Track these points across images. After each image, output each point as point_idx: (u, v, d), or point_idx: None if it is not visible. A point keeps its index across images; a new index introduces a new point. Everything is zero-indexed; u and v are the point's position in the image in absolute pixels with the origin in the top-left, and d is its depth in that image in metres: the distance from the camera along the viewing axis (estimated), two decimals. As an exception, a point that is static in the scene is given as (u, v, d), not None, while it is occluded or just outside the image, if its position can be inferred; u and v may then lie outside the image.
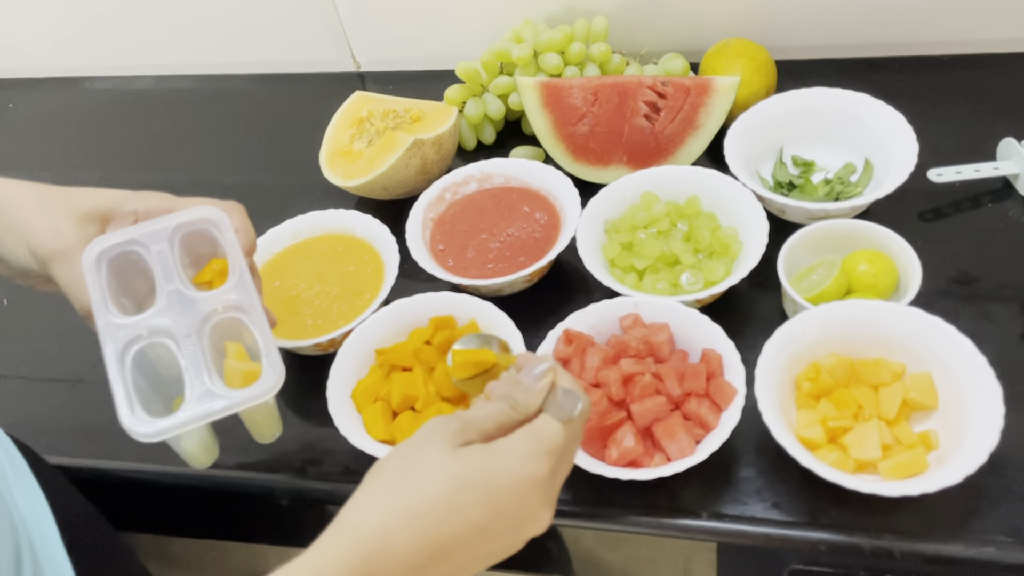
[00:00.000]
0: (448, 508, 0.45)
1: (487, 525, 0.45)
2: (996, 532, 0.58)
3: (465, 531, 0.45)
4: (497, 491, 0.45)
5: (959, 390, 0.60)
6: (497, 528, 0.46)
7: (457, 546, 0.45)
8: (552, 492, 0.48)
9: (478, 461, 0.46)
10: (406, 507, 0.45)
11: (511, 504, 0.46)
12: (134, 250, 0.60)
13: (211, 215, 0.62)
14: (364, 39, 1.08)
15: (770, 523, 0.61)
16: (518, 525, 0.47)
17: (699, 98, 0.82)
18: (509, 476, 0.46)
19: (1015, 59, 0.89)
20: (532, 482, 0.46)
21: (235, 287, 0.60)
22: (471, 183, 0.84)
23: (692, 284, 0.72)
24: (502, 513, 0.46)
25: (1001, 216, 0.76)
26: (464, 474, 0.45)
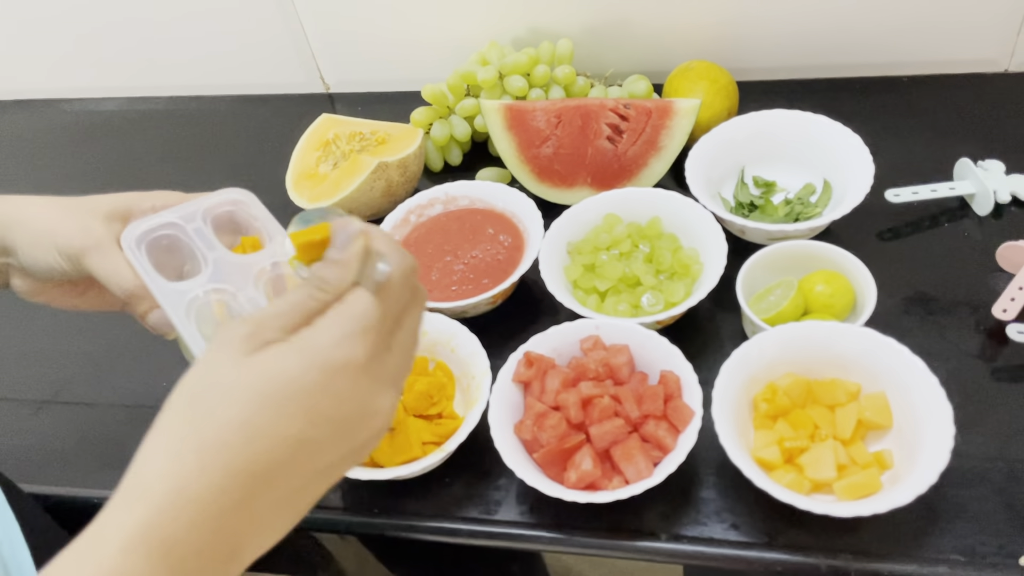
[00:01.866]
0: (251, 431, 0.36)
1: (308, 436, 0.38)
2: (950, 551, 0.58)
3: (281, 452, 0.37)
4: (308, 394, 0.37)
5: (912, 410, 0.61)
6: (322, 436, 0.38)
7: (277, 471, 0.37)
8: (384, 372, 0.40)
9: (277, 363, 0.38)
10: (198, 444, 0.36)
11: (330, 404, 0.38)
12: (170, 233, 0.60)
13: (237, 195, 0.62)
14: (333, 61, 1.08)
15: (728, 544, 0.61)
16: (349, 425, 0.39)
17: (661, 120, 0.83)
18: (317, 372, 0.38)
19: (971, 80, 0.91)
20: (350, 370, 0.38)
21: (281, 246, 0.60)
22: (436, 205, 0.85)
23: (653, 305, 0.73)
24: (322, 417, 0.38)
25: (957, 235, 0.78)
26: (262, 384, 0.37)
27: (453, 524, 0.66)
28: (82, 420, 0.80)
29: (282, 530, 0.40)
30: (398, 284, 0.41)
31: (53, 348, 0.87)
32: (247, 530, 0.37)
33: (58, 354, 0.86)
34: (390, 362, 0.41)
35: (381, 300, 0.40)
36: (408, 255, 0.42)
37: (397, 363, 0.42)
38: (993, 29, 0.88)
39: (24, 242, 0.58)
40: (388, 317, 0.41)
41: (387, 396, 0.40)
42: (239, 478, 0.36)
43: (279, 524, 0.39)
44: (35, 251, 0.58)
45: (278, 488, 0.38)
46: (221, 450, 0.36)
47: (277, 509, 0.38)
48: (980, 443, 0.63)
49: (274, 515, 0.39)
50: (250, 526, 0.37)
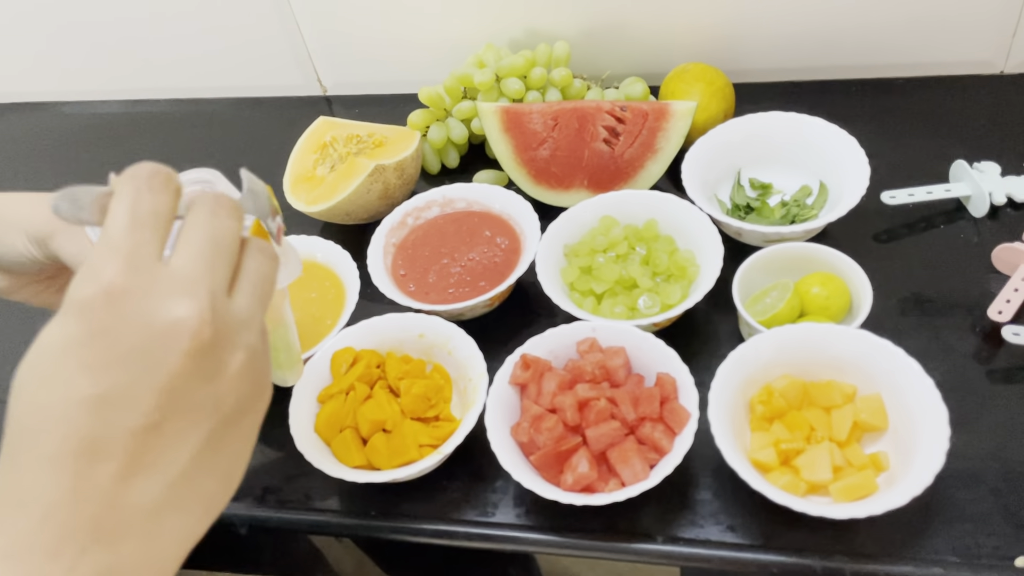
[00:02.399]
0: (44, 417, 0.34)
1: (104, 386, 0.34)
2: (946, 552, 0.58)
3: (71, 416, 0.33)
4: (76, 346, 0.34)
5: (908, 412, 0.61)
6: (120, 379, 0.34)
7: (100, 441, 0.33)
8: (160, 281, 0.36)
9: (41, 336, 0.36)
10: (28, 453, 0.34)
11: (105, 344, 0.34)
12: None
13: (206, 175, 0.62)
14: (330, 63, 1.08)
15: (725, 546, 0.61)
16: (145, 351, 0.34)
17: (657, 123, 0.83)
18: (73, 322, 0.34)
19: (967, 81, 0.91)
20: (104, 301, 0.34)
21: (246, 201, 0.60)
22: (433, 208, 0.85)
23: (649, 308, 0.73)
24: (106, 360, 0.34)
25: (953, 237, 0.78)
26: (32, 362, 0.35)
27: (450, 526, 0.66)
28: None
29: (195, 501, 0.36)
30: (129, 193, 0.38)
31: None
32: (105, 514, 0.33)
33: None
34: (174, 269, 0.37)
35: (112, 217, 0.37)
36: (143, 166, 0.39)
37: (191, 269, 0.37)
38: (989, 31, 0.88)
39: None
40: (135, 226, 0.36)
41: (180, 303, 0.35)
42: (65, 462, 0.33)
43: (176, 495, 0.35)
44: (5, 238, 0.58)
45: (108, 459, 0.33)
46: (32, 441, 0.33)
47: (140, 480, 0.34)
48: (976, 444, 0.63)
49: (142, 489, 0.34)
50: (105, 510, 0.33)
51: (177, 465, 0.35)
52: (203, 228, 0.38)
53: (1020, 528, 0.59)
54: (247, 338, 0.38)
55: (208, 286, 0.37)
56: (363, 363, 0.70)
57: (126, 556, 0.34)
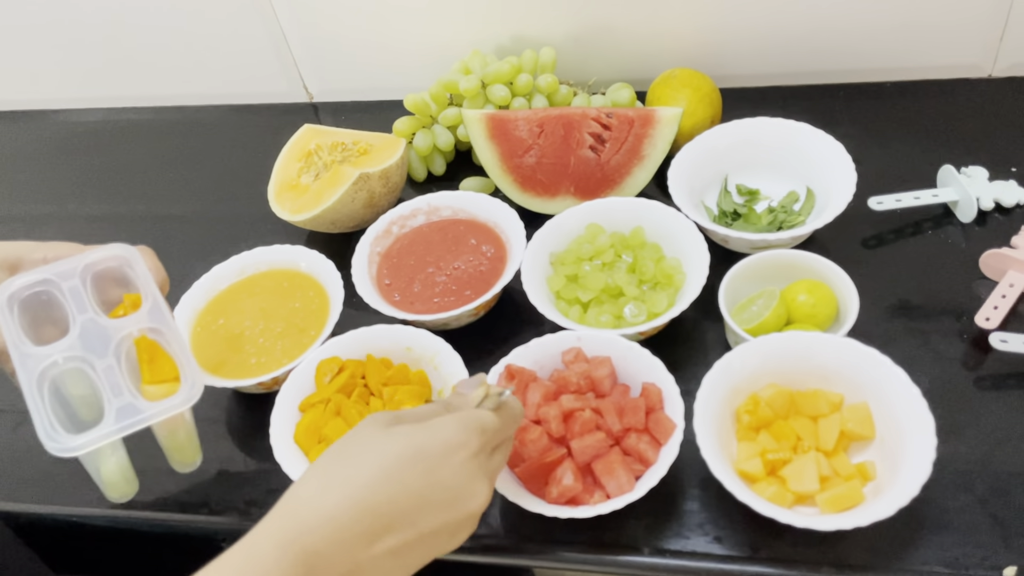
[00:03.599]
0: (384, 476, 0.47)
1: (423, 492, 0.48)
2: (934, 563, 0.58)
3: (403, 498, 0.47)
4: (430, 458, 0.48)
5: (895, 421, 0.60)
6: (434, 497, 0.48)
7: (398, 515, 0.47)
8: (487, 468, 0.51)
9: (411, 434, 0.49)
10: (342, 480, 0.47)
11: (445, 472, 0.48)
12: (46, 290, 0.61)
13: (121, 252, 0.63)
14: (316, 70, 1.08)
15: (711, 558, 0.61)
16: (455, 496, 0.49)
17: (643, 129, 0.83)
18: (441, 444, 0.49)
19: (954, 85, 0.91)
20: (464, 451, 0.49)
21: (149, 312, 0.61)
22: (418, 216, 0.84)
23: (636, 316, 0.72)
24: (437, 480, 0.48)
25: (941, 242, 0.77)
26: (398, 446, 0.48)
27: (435, 539, 0.65)
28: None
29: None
30: (511, 414, 0.54)
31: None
32: (364, 564, 0.47)
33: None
34: (494, 462, 0.53)
35: (499, 415, 0.53)
36: (519, 402, 0.57)
37: (496, 466, 0.53)
38: (976, 35, 0.88)
39: None
40: (499, 431, 0.52)
41: (485, 485, 0.50)
42: (371, 513, 0.46)
43: (383, 573, 0.48)
44: None
45: (395, 534, 0.47)
46: (361, 488, 0.47)
47: (389, 556, 0.47)
48: (964, 453, 0.63)
49: (384, 561, 0.47)
50: (367, 561, 0.47)
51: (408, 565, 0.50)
52: (511, 439, 0.56)
53: (1008, 538, 0.58)
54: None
55: (494, 482, 0.54)
56: (347, 372, 0.70)
57: None
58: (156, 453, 0.66)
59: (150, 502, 0.71)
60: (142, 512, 0.71)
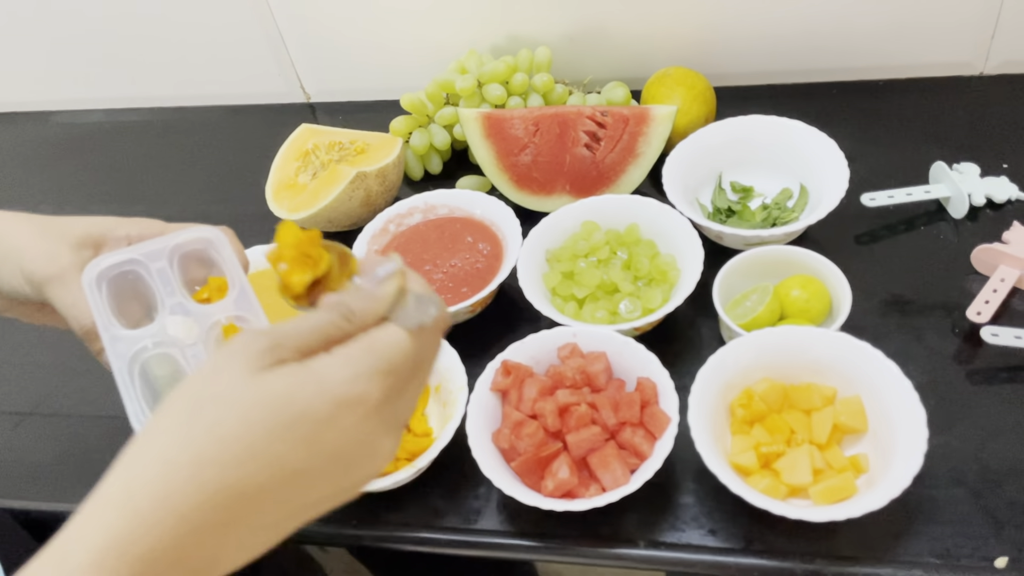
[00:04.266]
0: (248, 452, 0.35)
1: (304, 467, 0.36)
2: (925, 554, 0.58)
3: (274, 477, 0.36)
4: (314, 424, 0.36)
5: (887, 414, 0.61)
6: (318, 469, 0.37)
7: (268, 496, 0.36)
8: (393, 417, 0.39)
9: (287, 386, 0.36)
10: (193, 457, 0.35)
11: (334, 439, 0.37)
12: (133, 270, 0.60)
13: (208, 234, 0.62)
14: (313, 70, 1.08)
15: (706, 550, 0.61)
16: (349, 462, 0.38)
17: (638, 127, 0.83)
18: (328, 405, 0.36)
19: (947, 83, 0.92)
20: (361, 409, 0.37)
21: (236, 299, 0.60)
22: (415, 214, 0.85)
23: (631, 312, 0.73)
24: (324, 451, 0.37)
25: (933, 238, 0.78)
26: (268, 406, 0.36)
27: (433, 534, 0.66)
28: (61, 433, 0.79)
29: (260, 551, 0.38)
30: (434, 331, 0.40)
31: (32, 361, 0.87)
32: (226, 549, 0.36)
33: (37, 367, 0.86)
34: (401, 406, 0.40)
35: (416, 343, 0.39)
36: (443, 303, 0.41)
37: (406, 408, 0.41)
38: (968, 33, 0.89)
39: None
40: (414, 362, 0.39)
41: (390, 439, 0.39)
42: (230, 498, 0.35)
43: (259, 546, 0.38)
44: (4, 270, 0.57)
45: (266, 513, 0.36)
46: (216, 466, 0.35)
47: (261, 532, 0.37)
48: (956, 446, 0.64)
49: (256, 538, 0.37)
50: (230, 546, 0.36)
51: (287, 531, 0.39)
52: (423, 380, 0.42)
53: (999, 529, 0.59)
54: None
55: (405, 422, 0.41)
56: None
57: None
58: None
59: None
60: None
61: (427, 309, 0.40)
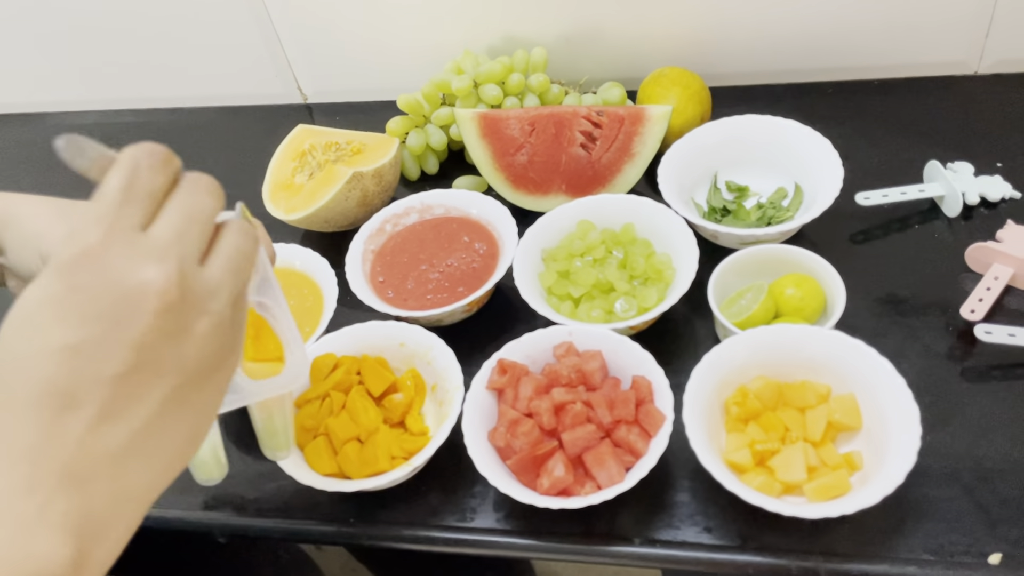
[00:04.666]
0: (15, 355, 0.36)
1: (74, 339, 0.36)
2: (919, 550, 0.59)
3: (55, 364, 0.35)
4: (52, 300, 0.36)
5: (880, 411, 0.61)
6: (90, 334, 0.36)
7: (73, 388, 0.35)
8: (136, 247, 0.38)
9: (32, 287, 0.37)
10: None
11: (78, 299, 0.36)
12: None
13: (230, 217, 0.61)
14: (310, 71, 1.09)
15: (701, 547, 0.62)
16: (114, 310, 0.36)
17: (633, 127, 0.84)
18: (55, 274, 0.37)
19: (941, 82, 0.92)
20: (86, 259, 0.37)
21: (259, 285, 0.60)
22: (412, 214, 0.85)
23: (626, 311, 0.73)
24: (75, 315, 0.36)
25: (927, 237, 0.78)
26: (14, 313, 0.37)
27: (429, 532, 0.66)
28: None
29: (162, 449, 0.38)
30: (128, 167, 0.39)
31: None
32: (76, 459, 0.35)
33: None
34: (151, 238, 0.38)
35: (107, 186, 0.39)
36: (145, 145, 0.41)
37: (166, 238, 0.39)
38: (962, 32, 0.89)
39: (13, 243, 0.56)
40: (126, 200, 0.38)
41: (150, 268, 0.37)
42: (40, 407, 0.35)
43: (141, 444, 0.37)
44: (23, 253, 0.56)
45: (82, 407, 0.35)
46: (7, 388, 0.35)
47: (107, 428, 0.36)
48: (950, 443, 0.64)
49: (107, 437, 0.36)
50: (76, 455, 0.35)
51: (143, 416, 0.37)
52: (181, 203, 0.41)
53: (993, 526, 0.59)
54: (215, 305, 0.40)
55: (178, 253, 0.39)
56: (342, 369, 0.70)
57: (94, 497, 0.36)
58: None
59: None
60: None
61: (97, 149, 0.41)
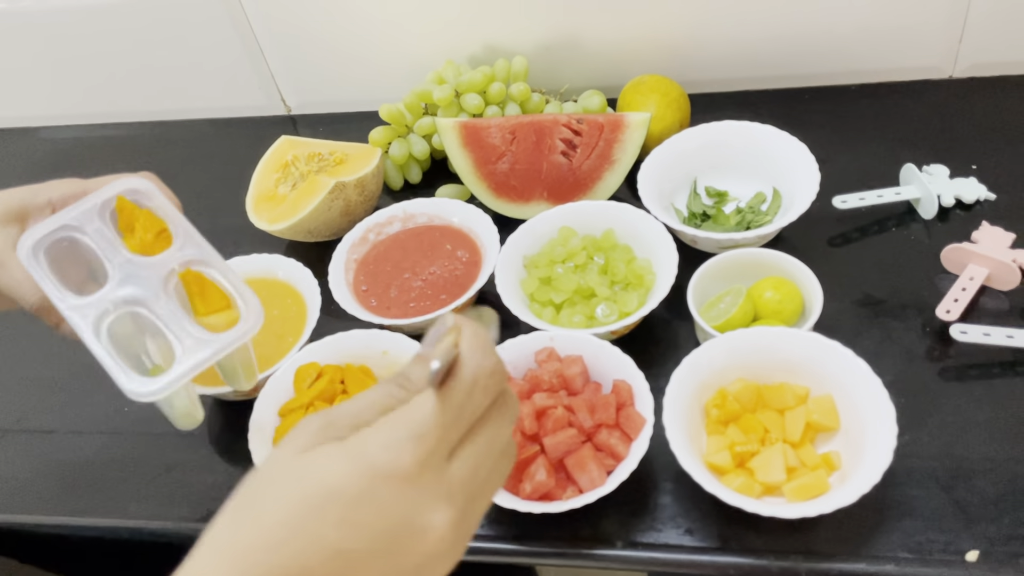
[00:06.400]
0: (290, 533, 0.35)
1: (346, 546, 0.35)
2: (898, 549, 0.59)
3: (318, 557, 0.35)
4: (349, 500, 0.35)
5: (857, 411, 0.62)
6: (362, 547, 0.35)
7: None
8: (439, 485, 0.37)
9: (324, 465, 0.36)
10: (235, 547, 0.35)
11: (370, 512, 0.35)
12: (68, 235, 0.58)
13: (135, 184, 0.61)
14: (293, 83, 1.09)
15: (683, 549, 0.62)
16: (392, 539, 0.36)
17: (613, 134, 0.84)
18: (360, 477, 0.35)
19: (916, 87, 0.93)
20: (394, 479, 0.35)
21: (184, 244, 0.60)
22: (394, 223, 0.85)
23: (607, 316, 0.74)
24: (361, 527, 0.35)
25: (904, 239, 0.79)
26: (305, 486, 0.35)
27: (414, 539, 0.66)
28: (43, 449, 0.79)
29: None
30: (467, 386, 0.37)
31: (13, 376, 0.87)
32: None
33: (18, 382, 0.86)
34: (451, 474, 0.37)
35: (443, 403, 0.37)
36: (491, 356, 0.38)
37: (462, 477, 0.38)
38: (936, 38, 0.90)
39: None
40: (453, 423, 0.37)
41: (440, 512, 0.36)
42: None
43: None
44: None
45: None
46: (258, 552, 0.35)
47: None
48: (927, 442, 0.65)
49: None
50: None
51: None
52: (487, 438, 0.39)
53: (970, 523, 0.60)
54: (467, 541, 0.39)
55: (467, 494, 0.38)
56: (326, 378, 0.71)
57: None
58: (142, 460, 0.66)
59: (129, 509, 0.72)
60: (121, 520, 0.72)
61: (433, 365, 0.37)
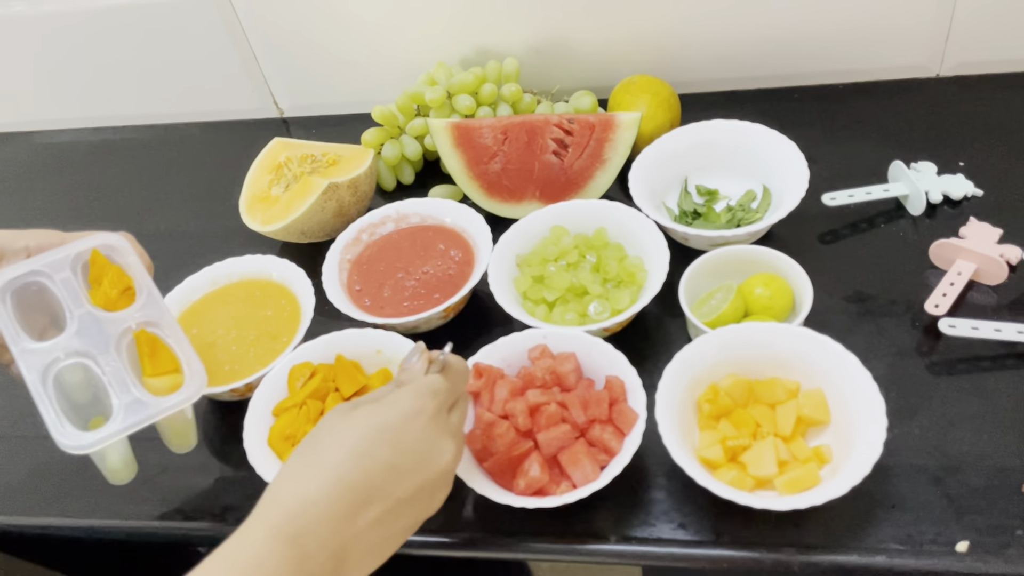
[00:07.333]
0: (354, 455, 0.50)
1: (393, 461, 0.51)
2: (889, 540, 0.60)
3: (375, 471, 0.50)
4: (392, 430, 0.51)
5: (848, 405, 0.62)
6: (404, 463, 0.51)
7: (373, 488, 0.50)
8: (448, 426, 0.55)
9: (371, 413, 0.52)
10: (316, 465, 0.50)
11: (408, 438, 0.52)
12: (36, 281, 0.61)
13: (111, 240, 0.63)
14: (285, 85, 1.10)
15: (677, 543, 0.63)
16: (423, 458, 0.52)
17: (604, 134, 0.85)
18: (399, 415, 0.52)
19: (905, 85, 0.94)
20: (421, 417, 0.53)
21: (145, 305, 0.62)
22: (388, 223, 0.86)
23: (600, 313, 0.74)
24: (404, 447, 0.51)
25: (893, 235, 0.80)
26: (361, 426, 0.51)
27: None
28: (34, 453, 0.79)
29: (376, 555, 0.51)
30: (457, 372, 0.58)
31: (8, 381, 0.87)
32: (352, 539, 0.49)
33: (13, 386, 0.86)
34: (452, 422, 0.56)
35: (446, 377, 0.56)
36: (463, 360, 0.60)
37: (456, 423, 0.56)
38: (923, 37, 0.91)
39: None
40: (450, 391, 0.56)
41: (449, 443, 0.54)
42: (350, 490, 0.49)
43: (374, 546, 0.50)
44: None
45: (375, 505, 0.50)
46: (334, 469, 0.49)
47: (374, 527, 0.50)
48: (917, 435, 0.65)
49: (371, 533, 0.50)
50: (354, 536, 0.49)
51: (394, 530, 0.52)
52: (464, 404, 0.59)
53: (960, 515, 0.60)
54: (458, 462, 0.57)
55: (461, 435, 0.57)
56: (319, 377, 0.71)
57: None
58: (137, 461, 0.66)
59: (126, 510, 0.72)
60: (118, 521, 0.72)
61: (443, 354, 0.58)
